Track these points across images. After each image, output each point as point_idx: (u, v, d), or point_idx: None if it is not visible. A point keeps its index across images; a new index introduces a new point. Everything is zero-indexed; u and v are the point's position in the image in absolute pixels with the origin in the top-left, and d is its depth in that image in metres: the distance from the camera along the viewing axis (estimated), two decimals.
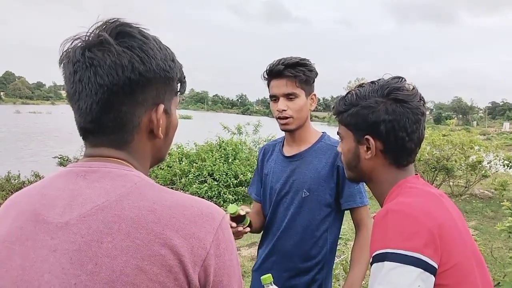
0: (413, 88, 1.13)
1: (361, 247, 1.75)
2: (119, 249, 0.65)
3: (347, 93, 1.20)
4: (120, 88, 0.73)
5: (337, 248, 1.97)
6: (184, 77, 0.87)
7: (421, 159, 9.40)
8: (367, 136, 1.13)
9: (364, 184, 1.32)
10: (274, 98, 1.79)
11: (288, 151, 1.90)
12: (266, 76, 1.82)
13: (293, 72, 1.74)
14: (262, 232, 1.98)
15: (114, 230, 0.66)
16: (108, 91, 0.73)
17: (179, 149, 10.71)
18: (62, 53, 0.76)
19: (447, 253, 0.97)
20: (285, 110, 1.76)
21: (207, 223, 0.72)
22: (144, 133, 0.80)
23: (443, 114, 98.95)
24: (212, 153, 10.12)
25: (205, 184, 9.41)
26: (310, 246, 1.79)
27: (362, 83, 1.19)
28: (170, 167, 9.92)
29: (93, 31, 0.75)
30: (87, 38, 0.75)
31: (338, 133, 1.25)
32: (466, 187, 10.19)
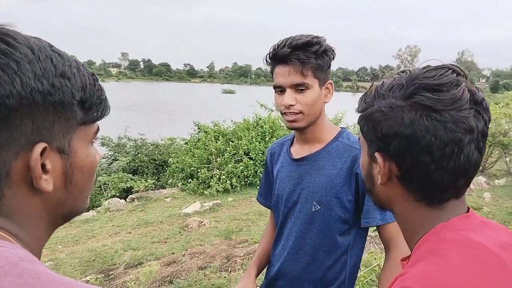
0: (460, 89, 0.69)
1: (390, 273, 1.37)
2: None
3: (371, 86, 0.81)
4: None
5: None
6: (98, 97, 0.64)
7: None
8: (377, 153, 0.76)
9: None
10: (280, 89, 1.41)
11: (297, 152, 1.54)
12: (269, 61, 1.44)
13: (302, 58, 1.35)
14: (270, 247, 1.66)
15: None
16: None
17: (216, 127, 10.52)
18: None
19: None
20: (292, 105, 1.38)
21: None
22: (22, 185, 0.57)
23: (500, 82, 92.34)
24: (248, 131, 9.85)
25: (241, 163, 9.20)
26: (324, 271, 1.44)
27: (404, 70, 0.78)
28: (207, 145, 9.77)
29: None
30: None
31: (359, 139, 0.89)
32: None
